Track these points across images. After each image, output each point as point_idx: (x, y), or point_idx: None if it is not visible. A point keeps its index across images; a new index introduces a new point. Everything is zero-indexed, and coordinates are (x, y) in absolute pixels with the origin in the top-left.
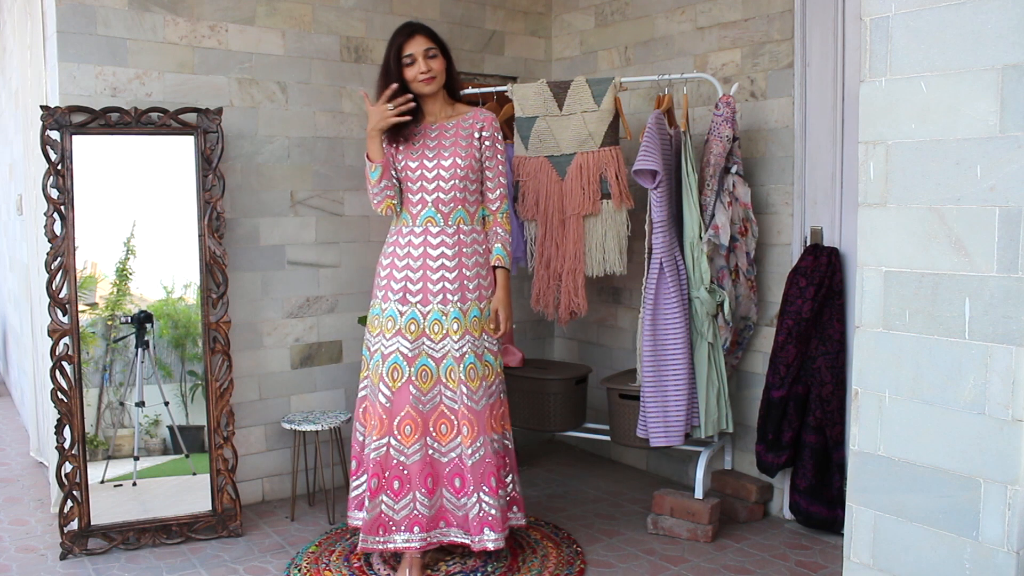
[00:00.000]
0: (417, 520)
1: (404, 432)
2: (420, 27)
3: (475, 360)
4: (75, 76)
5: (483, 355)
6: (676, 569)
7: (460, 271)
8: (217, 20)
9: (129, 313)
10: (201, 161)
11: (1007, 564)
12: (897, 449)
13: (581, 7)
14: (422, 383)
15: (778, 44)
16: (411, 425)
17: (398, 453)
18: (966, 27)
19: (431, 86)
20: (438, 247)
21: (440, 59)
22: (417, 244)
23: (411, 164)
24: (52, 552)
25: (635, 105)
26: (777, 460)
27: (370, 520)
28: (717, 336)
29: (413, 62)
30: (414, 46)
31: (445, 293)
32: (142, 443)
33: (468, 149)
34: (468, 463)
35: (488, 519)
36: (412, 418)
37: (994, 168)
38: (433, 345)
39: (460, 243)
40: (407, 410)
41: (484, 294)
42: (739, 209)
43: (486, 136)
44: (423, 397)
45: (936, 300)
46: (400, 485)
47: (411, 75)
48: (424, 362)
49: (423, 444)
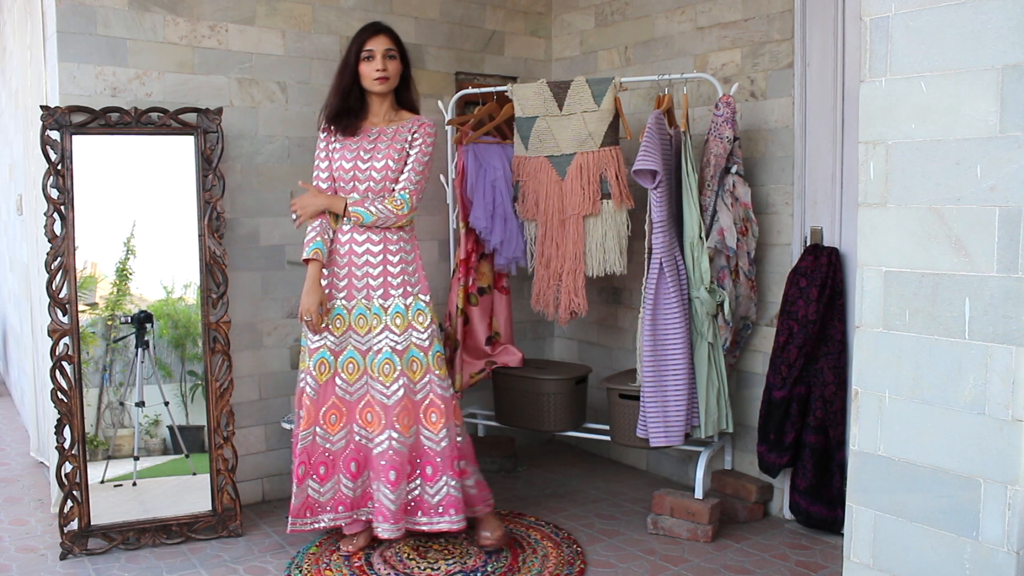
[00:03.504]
0: (341, 500)
1: (330, 421)
2: (385, 28)
3: (390, 355)
4: (75, 76)
5: (407, 350)
6: (676, 569)
7: (385, 267)
8: (217, 20)
9: (129, 313)
10: (201, 161)
11: (1007, 564)
12: (897, 449)
13: (581, 7)
14: (348, 375)
15: (778, 44)
16: (336, 414)
17: (323, 440)
18: (966, 27)
19: (382, 86)
20: (363, 243)
21: (397, 62)
22: (344, 242)
23: (345, 165)
24: (52, 552)
25: (635, 105)
26: (779, 460)
27: (298, 504)
28: (717, 336)
29: (371, 58)
30: (376, 43)
31: (368, 289)
32: (142, 443)
33: (401, 153)
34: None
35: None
36: (337, 407)
37: (994, 168)
38: (359, 338)
39: (385, 240)
40: (332, 400)
41: (410, 290)
42: (739, 209)
43: (416, 138)
44: (349, 388)
45: (936, 300)
46: (326, 470)
47: (366, 71)
48: (350, 354)
49: (348, 431)
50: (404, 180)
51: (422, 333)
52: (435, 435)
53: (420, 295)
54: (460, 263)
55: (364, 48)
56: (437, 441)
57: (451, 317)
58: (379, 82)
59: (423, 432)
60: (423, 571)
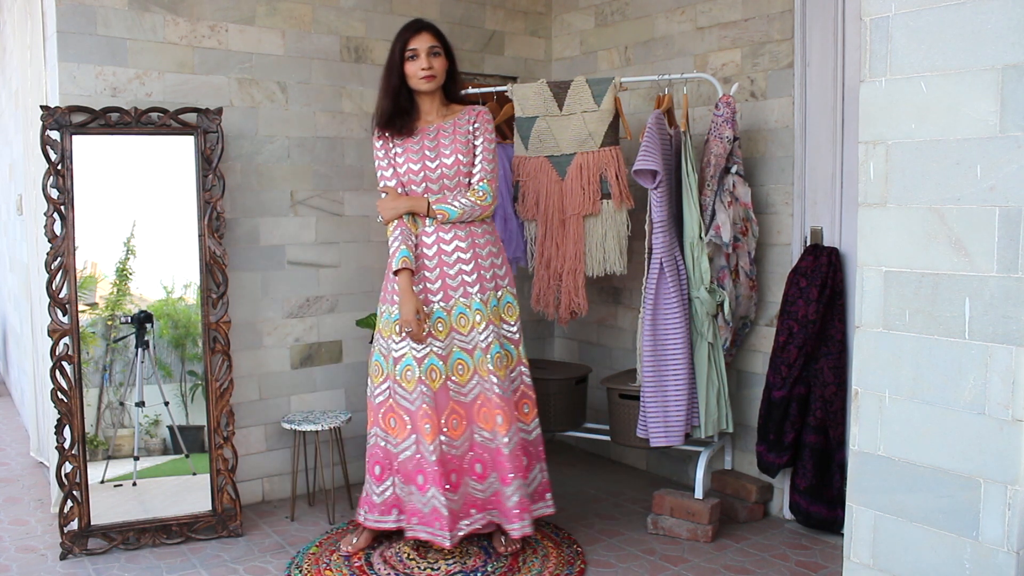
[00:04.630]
0: (473, 502)
1: (452, 426)
2: (428, 25)
3: (505, 346)
4: (75, 76)
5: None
6: (676, 569)
7: (476, 262)
8: (217, 20)
9: (129, 313)
10: (201, 161)
11: (1007, 564)
12: (897, 449)
13: (581, 7)
14: (460, 377)
15: (778, 44)
16: (456, 419)
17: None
18: (966, 27)
19: (430, 84)
20: (451, 242)
21: (443, 59)
22: (430, 244)
23: (413, 167)
24: (52, 552)
25: (635, 105)
26: (779, 460)
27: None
28: (717, 336)
29: (416, 57)
30: (419, 42)
31: (464, 286)
32: (142, 443)
33: (467, 145)
34: None
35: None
36: (456, 412)
37: (994, 168)
38: (464, 338)
39: (472, 235)
40: (450, 405)
41: (500, 283)
42: (739, 209)
43: (478, 128)
44: (462, 390)
45: (936, 300)
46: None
47: (411, 70)
48: (458, 356)
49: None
50: (479, 171)
51: (512, 326)
52: (528, 426)
53: (509, 287)
54: None
55: (408, 47)
56: (530, 432)
57: None
58: (426, 80)
59: (519, 424)
60: (423, 571)
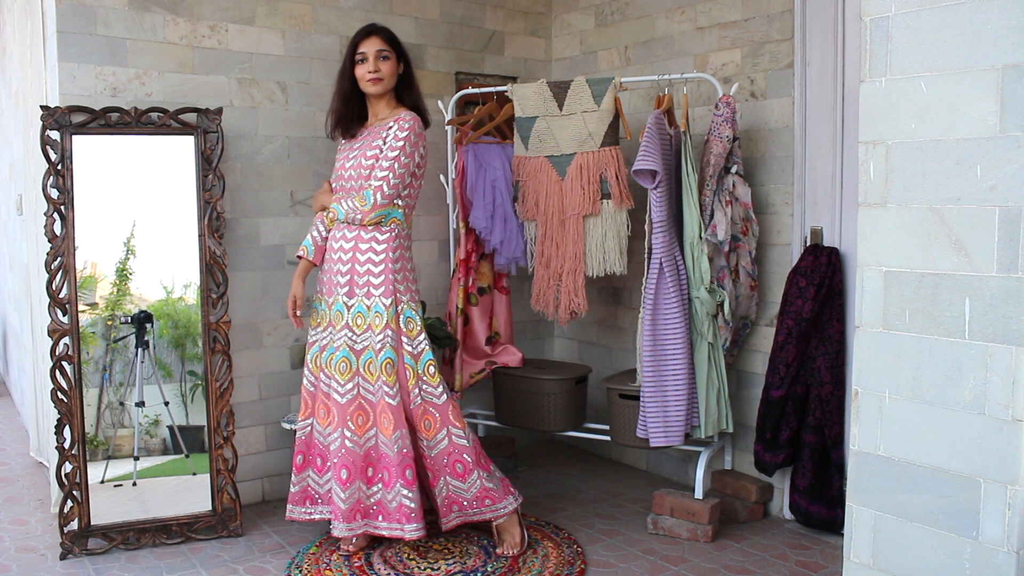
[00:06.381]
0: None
1: (319, 415)
2: (379, 29)
3: (347, 353)
4: (75, 76)
5: (364, 351)
6: (676, 569)
7: (352, 265)
8: (217, 20)
9: (129, 313)
10: (201, 161)
11: (1007, 564)
12: (897, 449)
13: (581, 7)
14: (329, 370)
15: (778, 44)
16: (324, 409)
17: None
18: (966, 27)
19: (376, 87)
20: (339, 240)
21: (392, 62)
22: (334, 239)
23: (337, 166)
24: (52, 552)
25: (635, 105)
26: (775, 459)
27: (297, 492)
28: (717, 336)
29: (364, 60)
30: (368, 45)
31: (337, 286)
32: (142, 443)
33: (374, 149)
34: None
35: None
36: (324, 403)
37: (994, 168)
38: (355, 336)
39: (357, 239)
40: (320, 395)
41: (372, 292)
42: (739, 209)
43: (387, 134)
44: (331, 383)
45: (936, 300)
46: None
47: (360, 73)
48: (331, 351)
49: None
50: (372, 177)
51: (412, 341)
52: (431, 441)
53: (410, 302)
54: (460, 263)
55: (357, 51)
56: (432, 448)
57: (451, 317)
58: (372, 83)
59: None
60: (423, 571)
